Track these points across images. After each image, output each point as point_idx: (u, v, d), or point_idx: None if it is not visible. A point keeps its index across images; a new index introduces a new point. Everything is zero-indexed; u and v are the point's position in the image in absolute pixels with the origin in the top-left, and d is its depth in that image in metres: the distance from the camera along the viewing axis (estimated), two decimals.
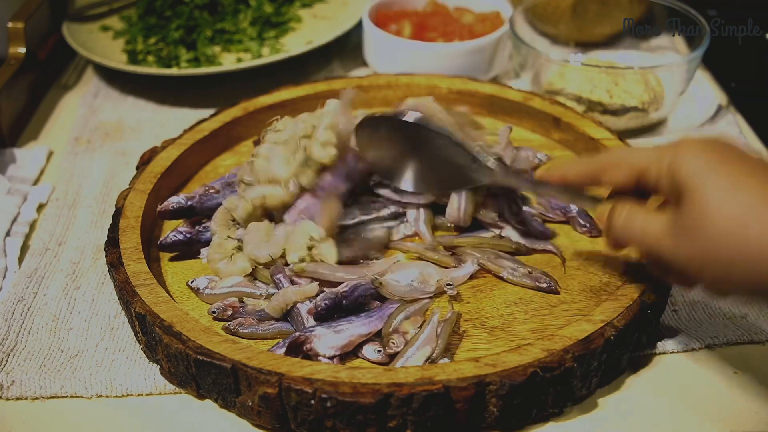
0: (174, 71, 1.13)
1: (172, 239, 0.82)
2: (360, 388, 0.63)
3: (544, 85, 1.09)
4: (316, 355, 0.70)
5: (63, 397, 0.72)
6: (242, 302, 0.77)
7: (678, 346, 0.75)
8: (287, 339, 0.70)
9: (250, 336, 0.74)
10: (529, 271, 0.79)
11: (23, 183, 1.00)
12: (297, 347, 0.70)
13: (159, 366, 0.73)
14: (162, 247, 0.83)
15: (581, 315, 0.74)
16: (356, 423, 0.64)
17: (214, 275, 0.80)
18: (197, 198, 0.86)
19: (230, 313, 0.76)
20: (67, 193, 0.98)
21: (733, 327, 0.77)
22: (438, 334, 0.71)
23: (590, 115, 1.03)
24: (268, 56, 1.16)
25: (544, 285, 0.78)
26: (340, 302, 0.74)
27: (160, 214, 0.84)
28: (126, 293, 0.73)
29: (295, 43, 1.22)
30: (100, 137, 1.10)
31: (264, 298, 0.77)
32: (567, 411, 0.69)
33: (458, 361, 0.66)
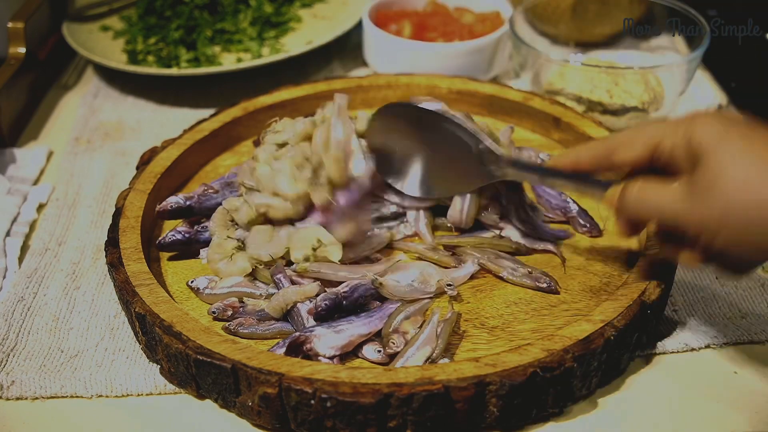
0: (174, 71, 1.13)
1: (171, 239, 0.82)
2: (360, 388, 0.63)
3: (544, 85, 1.08)
4: (316, 355, 0.70)
5: (63, 397, 0.72)
6: (242, 302, 0.77)
7: (678, 346, 0.75)
8: (287, 339, 0.70)
9: (250, 336, 0.74)
10: (529, 271, 0.79)
11: (23, 183, 1.00)
12: (297, 347, 0.70)
13: (159, 366, 0.73)
14: (160, 247, 0.83)
15: (581, 315, 0.74)
16: (356, 423, 0.64)
17: (214, 275, 0.80)
18: (196, 198, 0.85)
19: (230, 313, 0.76)
20: (67, 193, 0.98)
21: (733, 327, 0.77)
22: (438, 334, 0.71)
23: (590, 115, 1.03)
24: (268, 56, 1.16)
25: (544, 285, 0.78)
26: (340, 302, 0.74)
27: (159, 214, 0.84)
28: (126, 293, 0.73)
29: (295, 43, 1.22)
30: (100, 137, 1.10)
31: (264, 298, 0.77)
32: (567, 411, 0.69)
33: (458, 361, 0.66)
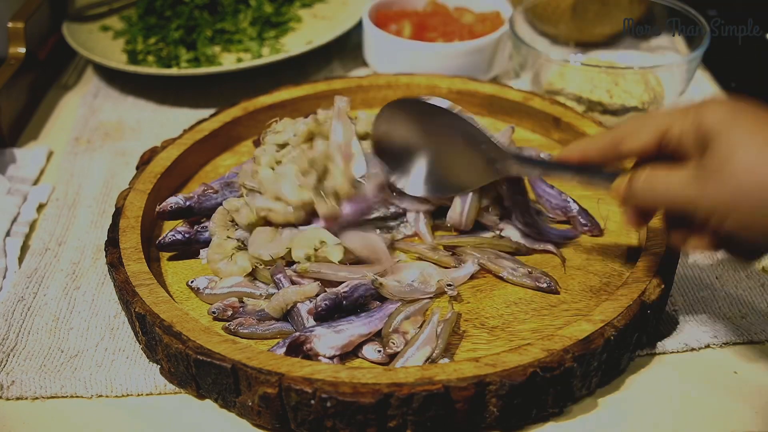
0: (174, 71, 1.13)
1: (171, 239, 0.82)
2: (360, 388, 0.63)
3: (544, 85, 1.08)
4: (316, 355, 0.70)
5: (63, 397, 0.72)
6: (242, 302, 0.77)
7: (678, 346, 0.75)
8: (287, 339, 0.70)
9: (250, 336, 0.74)
10: (529, 271, 0.79)
11: (23, 183, 1.00)
12: (297, 347, 0.70)
13: (159, 366, 0.73)
14: (160, 247, 0.83)
15: (581, 315, 0.74)
16: (356, 423, 0.64)
17: (214, 275, 0.80)
18: (195, 198, 0.85)
19: (230, 313, 0.76)
20: (67, 193, 0.98)
21: (733, 327, 0.77)
22: (438, 334, 0.71)
23: (590, 115, 1.03)
24: (268, 56, 1.16)
25: (544, 285, 0.78)
26: (340, 302, 0.74)
27: (159, 215, 0.84)
28: (126, 293, 0.73)
29: (295, 43, 1.22)
30: (100, 137, 1.10)
31: (264, 298, 0.77)
32: (567, 411, 0.69)
33: (458, 361, 0.66)
